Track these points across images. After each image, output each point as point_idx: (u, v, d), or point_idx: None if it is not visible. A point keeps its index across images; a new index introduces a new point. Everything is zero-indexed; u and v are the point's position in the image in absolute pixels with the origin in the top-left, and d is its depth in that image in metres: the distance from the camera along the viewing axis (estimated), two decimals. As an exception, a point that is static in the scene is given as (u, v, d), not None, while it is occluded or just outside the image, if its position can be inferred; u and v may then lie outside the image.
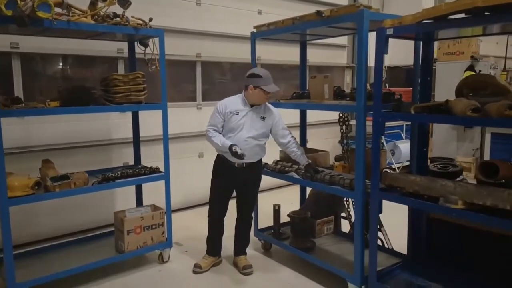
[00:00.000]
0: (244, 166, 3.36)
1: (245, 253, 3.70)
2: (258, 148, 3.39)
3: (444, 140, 6.82)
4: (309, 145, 4.55)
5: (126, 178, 3.46)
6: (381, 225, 3.59)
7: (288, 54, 5.66)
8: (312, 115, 4.55)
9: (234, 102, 3.36)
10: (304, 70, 4.20)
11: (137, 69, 3.78)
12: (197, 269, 3.55)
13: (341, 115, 3.92)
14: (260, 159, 3.53)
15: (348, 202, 3.96)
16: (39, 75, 4.37)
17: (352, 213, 3.94)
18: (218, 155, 3.48)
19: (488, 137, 6.48)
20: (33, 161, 3.66)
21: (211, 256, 3.66)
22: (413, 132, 3.26)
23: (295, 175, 3.54)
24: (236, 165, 3.35)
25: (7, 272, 2.89)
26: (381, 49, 2.66)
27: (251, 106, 3.34)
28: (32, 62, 4.25)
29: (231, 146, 3.20)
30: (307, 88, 4.02)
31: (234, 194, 3.59)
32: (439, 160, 6.04)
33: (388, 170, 3.10)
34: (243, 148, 3.24)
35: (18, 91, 4.03)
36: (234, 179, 3.44)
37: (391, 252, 3.48)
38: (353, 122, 4.73)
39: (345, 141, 3.93)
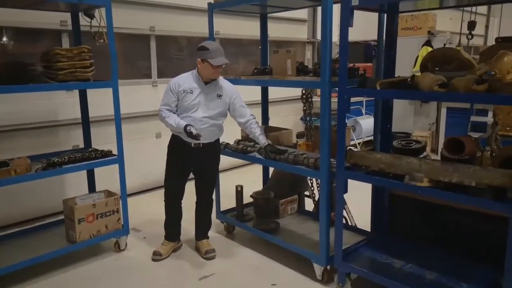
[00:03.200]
0: (200, 146, 3.20)
1: (207, 237, 3.56)
2: (215, 128, 3.23)
3: (401, 114, 6.94)
4: (270, 123, 4.42)
5: (75, 163, 3.18)
6: (344, 203, 3.56)
7: (248, 28, 5.44)
8: (273, 92, 4.40)
9: (188, 80, 3.16)
10: (265, 44, 4.01)
11: (84, 43, 3.44)
12: (157, 257, 3.37)
13: (304, 91, 3.80)
14: (218, 139, 3.37)
15: (311, 181, 3.89)
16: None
17: (315, 191, 3.88)
18: (173, 134, 3.30)
19: (444, 111, 6.65)
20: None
21: (170, 241, 3.49)
22: (377, 108, 3.19)
23: (257, 155, 3.40)
24: (192, 145, 3.18)
25: None
26: (346, 21, 2.52)
27: (206, 83, 3.14)
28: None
29: (186, 126, 3.02)
30: (269, 63, 3.85)
31: (192, 176, 3.42)
32: (398, 136, 6.11)
33: (352, 148, 3.03)
34: (199, 128, 3.08)
35: None
36: (191, 160, 3.27)
37: (355, 229, 3.47)
38: (315, 99, 4.63)
39: (308, 118, 3.83)
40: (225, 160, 3.67)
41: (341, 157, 2.67)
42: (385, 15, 3.00)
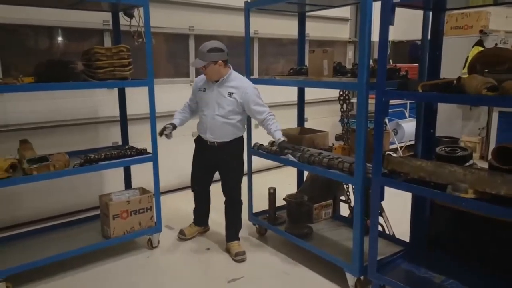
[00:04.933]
0: (215, 144, 3.28)
1: (237, 239, 3.51)
2: (229, 126, 3.24)
3: (448, 118, 6.56)
4: (308, 124, 4.32)
5: (110, 160, 3.23)
6: (382, 210, 3.39)
7: (288, 28, 5.33)
8: (311, 93, 4.28)
9: (203, 78, 3.32)
10: (303, 44, 3.91)
11: (125, 42, 3.49)
12: (181, 236, 3.65)
13: (341, 92, 3.66)
14: (237, 139, 3.34)
15: (347, 186, 3.75)
16: (23, 49, 4.05)
17: (351, 196, 3.73)
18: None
19: (495, 116, 6.23)
20: (11, 141, 3.44)
21: (196, 225, 3.70)
22: (419, 112, 3.00)
23: (291, 157, 3.30)
24: (208, 142, 3.30)
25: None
26: (387, 19, 2.38)
27: (216, 81, 3.21)
28: (15, 35, 3.96)
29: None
30: (306, 63, 3.75)
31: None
32: (443, 140, 5.77)
33: (391, 153, 2.87)
34: (212, 126, 3.22)
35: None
36: (208, 158, 3.40)
37: (392, 239, 3.29)
38: (354, 100, 4.47)
39: (345, 121, 3.69)
40: (259, 161, 3.61)
41: (378, 162, 2.52)
42: (431, 12, 2.82)
